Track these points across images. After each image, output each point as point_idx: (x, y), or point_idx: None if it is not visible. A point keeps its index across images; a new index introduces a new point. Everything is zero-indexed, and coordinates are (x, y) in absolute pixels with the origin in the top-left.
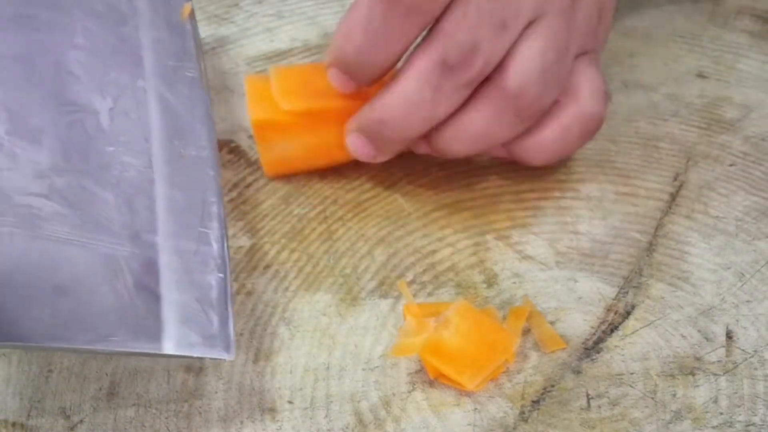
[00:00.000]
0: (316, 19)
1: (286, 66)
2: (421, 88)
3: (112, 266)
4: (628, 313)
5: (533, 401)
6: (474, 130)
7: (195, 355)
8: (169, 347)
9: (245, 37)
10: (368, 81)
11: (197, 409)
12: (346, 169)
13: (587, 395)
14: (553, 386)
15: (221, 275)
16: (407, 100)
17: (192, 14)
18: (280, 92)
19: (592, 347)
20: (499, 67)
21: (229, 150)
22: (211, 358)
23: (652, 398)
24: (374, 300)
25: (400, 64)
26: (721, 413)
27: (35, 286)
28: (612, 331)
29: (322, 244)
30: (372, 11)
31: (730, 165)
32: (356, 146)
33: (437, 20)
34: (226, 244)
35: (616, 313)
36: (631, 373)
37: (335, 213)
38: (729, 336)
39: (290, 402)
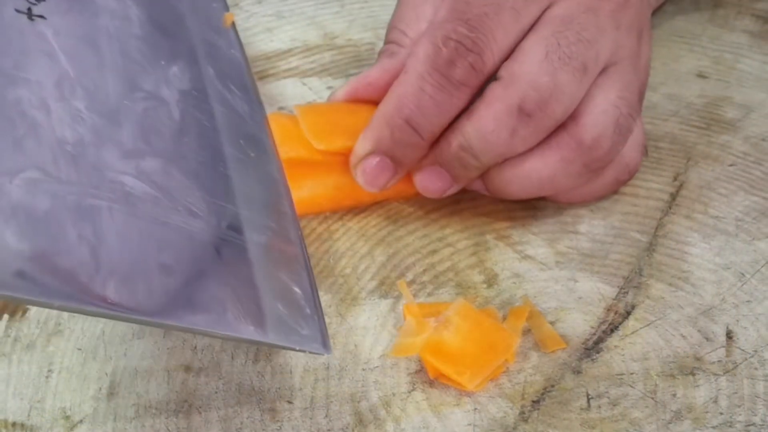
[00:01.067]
0: (316, 19)
1: (310, 105)
2: (498, 129)
3: (209, 253)
4: (628, 313)
5: (533, 401)
6: (537, 177)
7: (296, 348)
8: (273, 337)
9: (245, 37)
10: (412, 157)
11: (197, 409)
12: None
13: (587, 395)
14: (553, 386)
15: (307, 274)
16: (485, 138)
17: (233, 23)
18: (312, 132)
19: (592, 347)
20: (571, 116)
21: None
22: (309, 352)
23: (653, 398)
24: (374, 300)
25: None
26: (721, 413)
27: (143, 263)
28: (612, 331)
29: (322, 244)
30: (423, 83)
31: (730, 165)
32: (429, 180)
33: (515, 57)
34: (303, 243)
35: (616, 313)
36: (631, 373)
37: (335, 213)
38: (729, 336)
39: (290, 402)
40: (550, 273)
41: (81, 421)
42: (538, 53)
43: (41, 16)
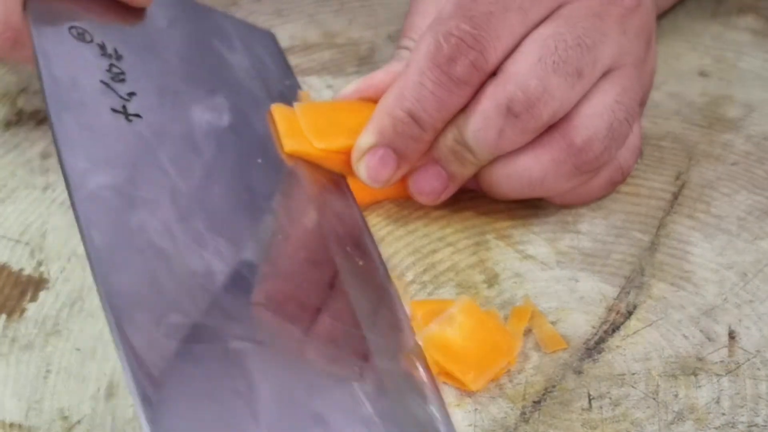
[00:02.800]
0: (316, 17)
1: (311, 104)
2: (486, 128)
3: (351, 393)
4: (629, 313)
5: (534, 401)
6: (528, 177)
7: None
8: None
9: None
10: (414, 151)
11: None
12: None
13: (589, 395)
14: (554, 386)
15: (440, 404)
16: (474, 135)
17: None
18: (311, 131)
19: (594, 347)
20: (566, 116)
21: None
22: None
23: (654, 399)
24: None
25: None
26: (724, 414)
27: (295, 414)
28: (614, 331)
29: None
30: (423, 78)
31: (732, 164)
32: (426, 180)
33: (512, 57)
34: (426, 363)
35: (617, 313)
36: (633, 374)
37: None
38: (731, 336)
39: None
40: (551, 273)
41: (79, 422)
42: (532, 55)
43: (137, 115)
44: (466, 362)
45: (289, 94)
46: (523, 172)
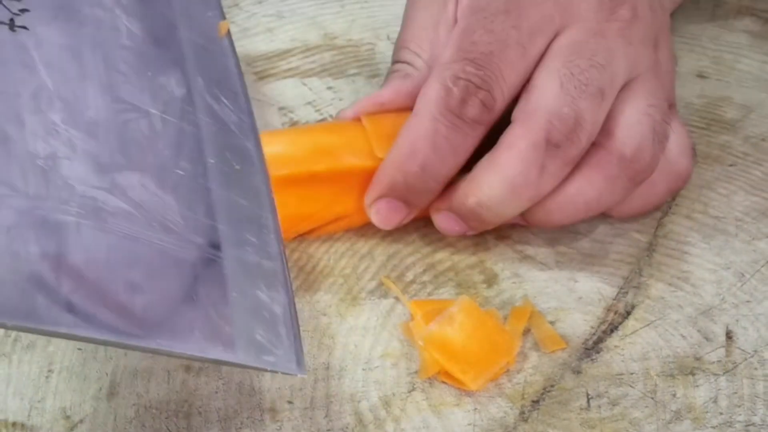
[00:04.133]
0: (316, 19)
1: (378, 114)
2: (527, 170)
3: (182, 269)
4: (628, 313)
5: (533, 401)
6: (583, 200)
7: (268, 369)
8: (243, 357)
9: (245, 37)
10: (426, 201)
11: (197, 409)
12: None
13: (587, 395)
14: (553, 386)
15: (286, 291)
16: (511, 183)
17: (228, 32)
18: (377, 140)
19: (592, 347)
20: (605, 133)
21: None
22: (282, 373)
23: (652, 398)
24: (374, 300)
25: None
26: (721, 413)
27: (108, 280)
28: (612, 331)
29: (322, 244)
30: (437, 124)
31: (730, 165)
32: (447, 224)
33: (528, 94)
34: (285, 259)
35: (616, 313)
36: (631, 373)
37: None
38: (729, 336)
39: (290, 402)
40: (550, 273)
41: (81, 421)
42: (553, 86)
43: (24, 27)
44: (465, 362)
45: (208, 24)
46: (577, 197)
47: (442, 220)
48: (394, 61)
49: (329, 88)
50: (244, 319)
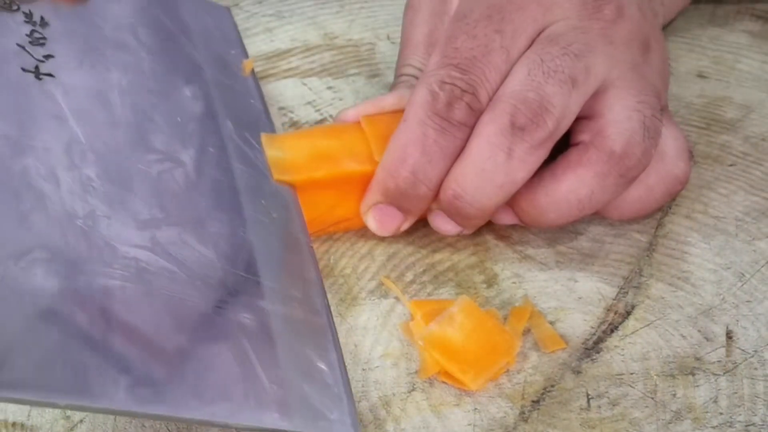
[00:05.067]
0: (316, 19)
1: (376, 116)
2: (494, 154)
3: (228, 332)
4: (628, 313)
5: (533, 401)
6: (576, 197)
7: None
8: (300, 425)
9: (245, 37)
10: (420, 206)
11: None
12: None
13: (587, 395)
14: (553, 386)
15: (336, 349)
16: (481, 169)
17: (253, 70)
18: (376, 144)
19: (592, 347)
20: (594, 131)
21: None
22: None
23: (652, 398)
24: (374, 300)
25: None
26: (721, 413)
27: (159, 346)
28: (612, 331)
29: (322, 244)
30: (425, 128)
31: (730, 165)
32: (439, 224)
33: (500, 86)
34: (330, 312)
35: (616, 313)
36: (631, 373)
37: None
38: (729, 336)
39: None
40: (550, 273)
41: (81, 421)
42: (520, 73)
43: (50, 74)
44: (465, 362)
45: (232, 62)
46: (569, 194)
47: (434, 220)
48: (398, 75)
49: (329, 88)
50: (297, 382)
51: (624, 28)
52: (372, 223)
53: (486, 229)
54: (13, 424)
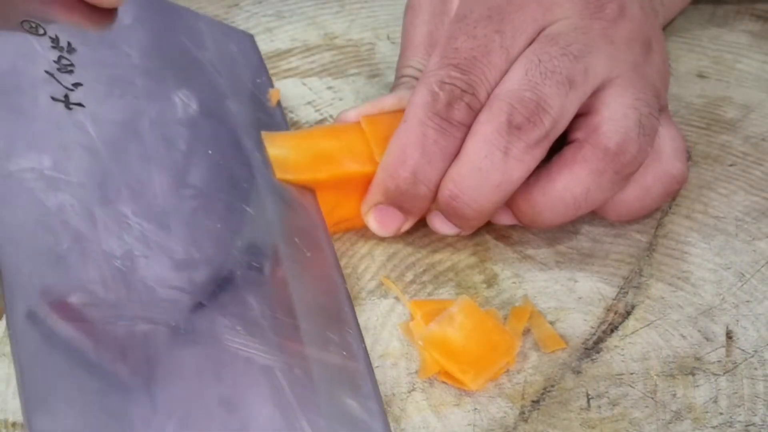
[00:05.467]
0: (316, 19)
1: (376, 116)
2: (490, 153)
3: (271, 380)
4: (628, 313)
5: (533, 401)
6: (571, 196)
7: None
8: None
9: None
10: (420, 206)
11: None
12: None
13: (587, 395)
14: (553, 386)
15: (376, 396)
16: (477, 168)
17: (279, 101)
18: (376, 144)
19: (592, 347)
20: (590, 128)
21: None
22: None
23: (652, 398)
24: (374, 300)
25: None
26: (721, 413)
27: (202, 397)
28: (612, 331)
29: None
30: (425, 128)
31: (730, 165)
32: (437, 224)
33: (498, 85)
34: (368, 356)
35: (616, 313)
36: (631, 373)
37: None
38: (729, 336)
39: None
40: (550, 273)
41: None
42: (518, 72)
43: (79, 104)
44: (465, 362)
45: (258, 91)
46: (564, 192)
47: (432, 221)
48: (398, 76)
49: (329, 88)
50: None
51: (625, 27)
52: (373, 223)
53: (486, 229)
54: (14, 424)
